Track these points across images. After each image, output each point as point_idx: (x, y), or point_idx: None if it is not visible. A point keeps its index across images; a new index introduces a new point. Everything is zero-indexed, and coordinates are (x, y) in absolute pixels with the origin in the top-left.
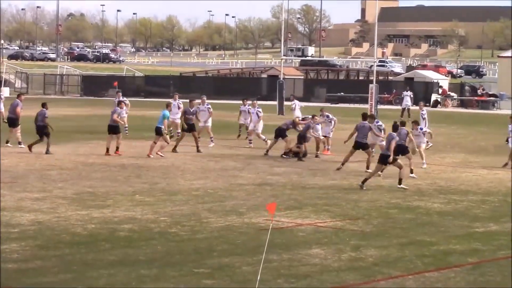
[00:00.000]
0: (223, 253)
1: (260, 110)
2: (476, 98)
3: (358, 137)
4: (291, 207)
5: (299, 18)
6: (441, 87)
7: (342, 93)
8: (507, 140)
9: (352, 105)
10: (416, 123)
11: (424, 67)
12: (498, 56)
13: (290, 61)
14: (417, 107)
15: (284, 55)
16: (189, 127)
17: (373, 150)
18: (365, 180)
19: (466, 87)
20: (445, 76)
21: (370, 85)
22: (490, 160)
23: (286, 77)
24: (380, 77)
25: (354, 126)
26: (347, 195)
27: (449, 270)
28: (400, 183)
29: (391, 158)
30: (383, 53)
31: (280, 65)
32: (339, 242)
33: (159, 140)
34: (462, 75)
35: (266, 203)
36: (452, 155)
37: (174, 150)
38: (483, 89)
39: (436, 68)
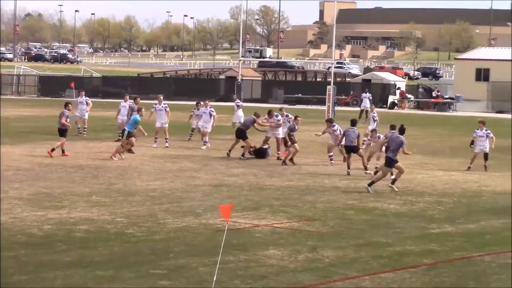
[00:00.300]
0: (180, 254)
1: (213, 109)
2: (432, 100)
3: (346, 141)
4: (248, 208)
5: (257, 19)
6: (399, 88)
7: (299, 95)
8: (471, 144)
9: (309, 107)
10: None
11: (381, 69)
12: (455, 58)
13: (248, 62)
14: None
15: (242, 56)
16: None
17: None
18: (372, 183)
19: (420, 89)
20: (402, 78)
21: (328, 87)
22: (446, 161)
23: (244, 78)
24: (338, 79)
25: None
26: (304, 196)
27: (404, 271)
28: (393, 183)
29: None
30: (341, 55)
31: (238, 66)
32: (295, 243)
33: (125, 143)
34: (419, 77)
35: (223, 204)
36: (408, 157)
37: (129, 151)
38: (438, 91)
39: (394, 70)
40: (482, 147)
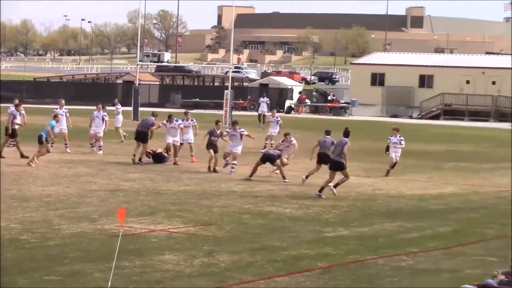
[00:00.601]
0: (75, 260)
1: (106, 114)
2: (328, 104)
3: (321, 149)
4: (144, 213)
5: (155, 23)
6: (300, 93)
7: (197, 99)
8: (387, 150)
9: (207, 111)
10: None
11: (278, 73)
12: (351, 63)
13: (146, 66)
14: (279, 114)
15: (140, 61)
16: (13, 132)
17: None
18: (322, 188)
19: (314, 93)
20: (299, 82)
21: (226, 91)
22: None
23: (141, 82)
24: (236, 83)
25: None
26: (200, 200)
27: (299, 274)
28: (335, 186)
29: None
30: (238, 59)
31: (136, 70)
32: (191, 248)
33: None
34: (316, 81)
35: (119, 209)
36: (305, 161)
37: (22, 156)
38: (333, 95)
39: (291, 75)
40: (396, 154)
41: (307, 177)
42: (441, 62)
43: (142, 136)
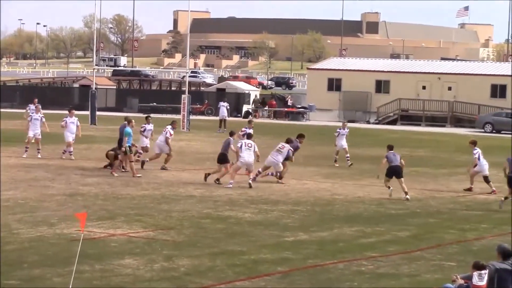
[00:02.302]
0: (34, 264)
1: (43, 116)
2: (286, 109)
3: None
4: (103, 218)
5: (111, 28)
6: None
7: (154, 103)
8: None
9: (164, 115)
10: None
11: (235, 78)
12: (307, 68)
13: (103, 71)
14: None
15: (96, 65)
16: None
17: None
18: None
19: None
20: (256, 87)
21: (183, 96)
22: (300, 170)
23: (98, 87)
24: (193, 88)
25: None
26: (159, 205)
27: (259, 279)
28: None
29: None
30: (195, 64)
31: (93, 74)
32: (151, 252)
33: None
34: (273, 86)
35: (77, 213)
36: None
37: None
38: (290, 99)
39: (248, 79)
40: (343, 144)
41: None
42: (397, 68)
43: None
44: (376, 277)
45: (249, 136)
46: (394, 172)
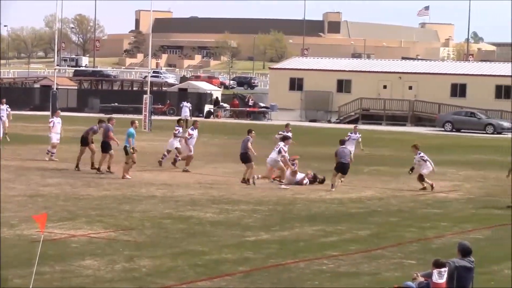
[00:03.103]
0: None
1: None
2: (247, 109)
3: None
4: (64, 219)
5: (73, 28)
6: (250, 99)
7: (116, 104)
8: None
9: (126, 116)
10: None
11: (197, 78)
12: (269, 68)
13: (64, 71)
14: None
15: (57, 65)
16: None
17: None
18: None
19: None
20: (218, 87)
21: (144, 96)
22: (261, 170)
23: (59, 87)
24: (154, 88)
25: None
26: (121, 205)
27: (221, 279)
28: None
29: None
30: (157, 64)
31: (54, 75)
32: (112, 253)
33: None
34: (235, 86)
35: (38, 214)
36: (224, 165)
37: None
38: (252, 99)
39: (209, 79)
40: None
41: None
42: (359, 67)
43: (85, 140)
44: (336, 276)
45: (285, 138)
46: (341, 168)
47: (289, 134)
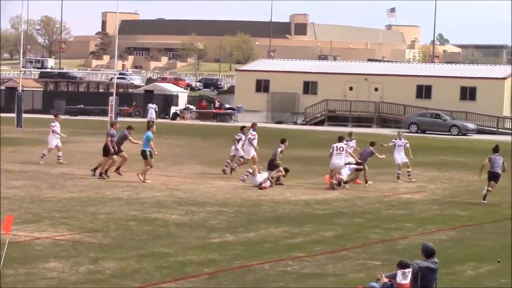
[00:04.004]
0: None
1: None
2: (214, 110)
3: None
4: (28, 221)
5: (38, 29)
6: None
7: (82, 105)
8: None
9: (92, 118)
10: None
11: (164, 80)
12: (236, 70)
13: (30, 73)
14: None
15: (23, 67)
16: None
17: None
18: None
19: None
20: (185, 89)
21: (110, 98)
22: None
23: (25, 89)
24: (120, 90)
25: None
26: (86, 207)
27: (186, 280)
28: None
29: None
30: (123, 66)
31: (19, 77)
32: (77, 255)
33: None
34: (201, 88)
35: (2, 217)
36: (190, 167)
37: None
38: (218, 101)
39: (176, 81)
40: (403, 158)
41: None
42: (325, 69)
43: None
44: (302, 277)
45: (340, 139)
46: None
47: (354, 142)
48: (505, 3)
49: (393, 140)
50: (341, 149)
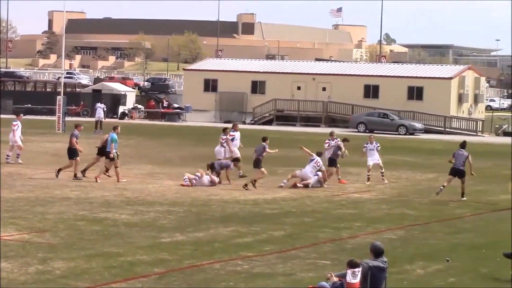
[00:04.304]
0: None
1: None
2: (162, 110)
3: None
4: None
5: None
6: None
7: (29, 105)
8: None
9: (39, 117)
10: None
11: (111, 79)
12: (184, 69)
13: None
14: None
15: None
16: None
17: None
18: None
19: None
20: (132, 88)
21: (58, 97)
22: (176, 171)
23: None
24: (68, 89)
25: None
26: (34, 207)
27: (136, 280)
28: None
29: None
30: (70, 65)
31: None
32: (26, 255)
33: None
34: (149, 87)
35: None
36: (139, 167)
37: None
38: (166, 100)
39: (124, 81)
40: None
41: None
42: (273, 68)
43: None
44: (251, 276)
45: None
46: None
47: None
48: (450, 3)
49: (365, 145)
50: (318, 164)
